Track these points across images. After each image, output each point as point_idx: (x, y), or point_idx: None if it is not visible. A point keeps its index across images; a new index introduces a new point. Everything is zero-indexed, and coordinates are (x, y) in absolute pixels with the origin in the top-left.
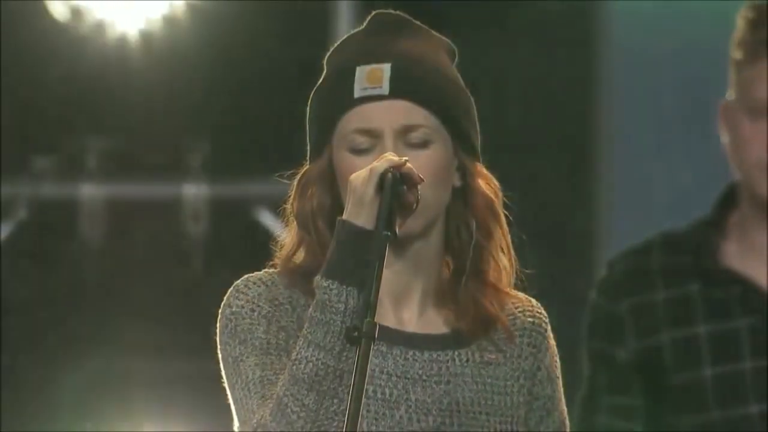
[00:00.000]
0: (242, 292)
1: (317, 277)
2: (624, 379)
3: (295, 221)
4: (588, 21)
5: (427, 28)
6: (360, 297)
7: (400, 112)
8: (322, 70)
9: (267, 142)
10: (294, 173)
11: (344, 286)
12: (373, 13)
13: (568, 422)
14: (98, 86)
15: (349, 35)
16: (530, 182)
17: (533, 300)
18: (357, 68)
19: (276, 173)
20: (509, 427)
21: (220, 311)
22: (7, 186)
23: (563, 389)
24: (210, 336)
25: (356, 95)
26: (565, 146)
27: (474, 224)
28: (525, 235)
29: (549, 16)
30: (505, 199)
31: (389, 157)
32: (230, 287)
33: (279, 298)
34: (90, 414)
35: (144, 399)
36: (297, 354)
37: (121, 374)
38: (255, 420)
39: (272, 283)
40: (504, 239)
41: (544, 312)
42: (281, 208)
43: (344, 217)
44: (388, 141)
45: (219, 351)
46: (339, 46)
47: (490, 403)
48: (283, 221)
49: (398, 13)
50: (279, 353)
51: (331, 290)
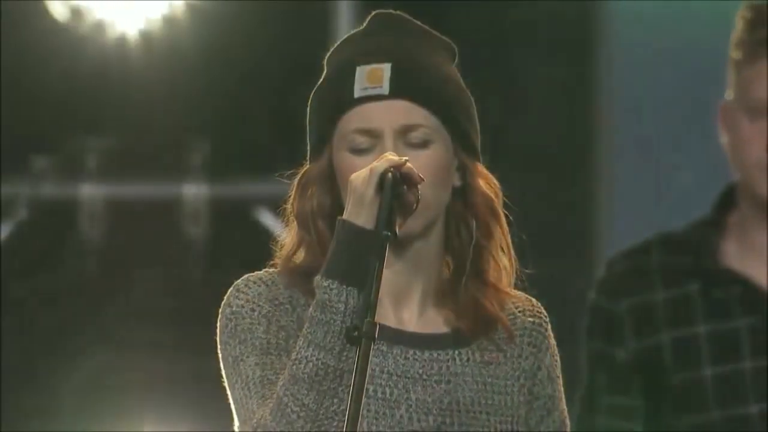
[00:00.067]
0: (242, 292)
1: (317, 277)
2: (624, 380)
3: (295, 221)
4: (588, 21)
5: (427, 28)
6: (360, 297)
7: (400, 112)
8: (322, 70)
9: (267, 142)
10: (294, 173)
11: (344, 286)
12: (373, 13)
13: (569, 422)
14: (98, 86)
15: (349, 35)
16: (530, 182)
17: (533, 300)
18: (357, 68)
19: (276, 173)
20: (509, 427)
21: (220, 311)
22: (7, 186)
23: (563, 389)
24: (210, 336)
25: (356, 95)
26: (565, 146)
27: (474, 224)
28: (525, 235)
29: (549, 16)
30: (505, 199)
31: (389, 157)
32: (230, 287)
33: (279, 298)
34: (90, 414)
35: (144, 399)
36: (297, 354)
37: (121, 374)
38: (255, 420)
39: (272, 283)
40: (504, 239)
41: (545, 312)
42: (281, 208)
43: (344, 217)
44: (388, 141)
45: (219, 350)
46: (339, 46)
47: (491, 403)
48: (283, 221)
49: (398, 13)
50: (279, 353)
51: (331, 290)
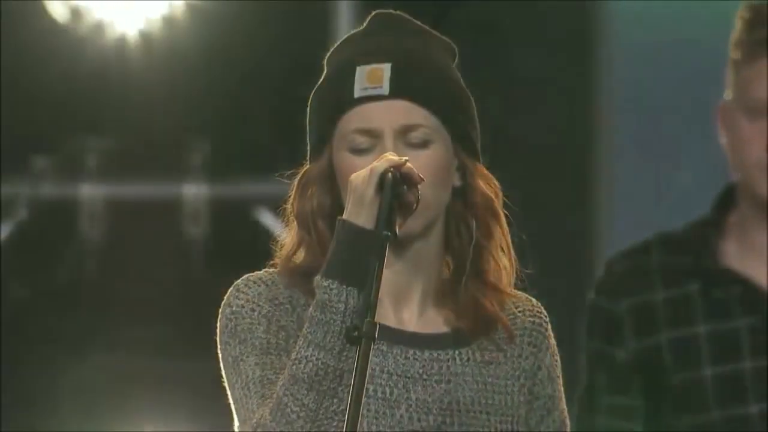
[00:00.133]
0: (242, 292)
1: (317, 277)
2: (623, 379)
3: (295, 221)
4: (588, 21)
5: (427, 28)
6: (360, 297)
7: (400, 112)
8: (322, 70)
9: (267, 142)
10: (294, 173)
11: (344, 286)
12: (373, 13)
13: (569, 422)
14: (98, 86)
15: (349, 35)
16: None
17: (533, 300)
18: (357, 68)
19: (276, 173)
20: (509, 427)
21: (220, 311)
22: (7, 186)
23: (563, 389)
24: (210, 336)
25: (356, 95)
26: (565, 146)
27: (474, 224)
28: (525, 235)
29: (549, 16)
30: (505, 199)
31: (389, 157)
32: (230, 287)
33: (279, 298)
34: (90, 414)
35: (144, 399)
36: (297, 353)
37: (121, 374)
38: (255, 419)
39: (272, 283)
40: (504, 239)
41: (545, 311)
42: (281, 208)
43: (344, 217)
44: (388, 141)
45: (219, 350)
46: (339, 46)
47: (491, 403)
48: (283, 221)
49: (398, 13)
50: (279, 353)
51: (331, 290)
